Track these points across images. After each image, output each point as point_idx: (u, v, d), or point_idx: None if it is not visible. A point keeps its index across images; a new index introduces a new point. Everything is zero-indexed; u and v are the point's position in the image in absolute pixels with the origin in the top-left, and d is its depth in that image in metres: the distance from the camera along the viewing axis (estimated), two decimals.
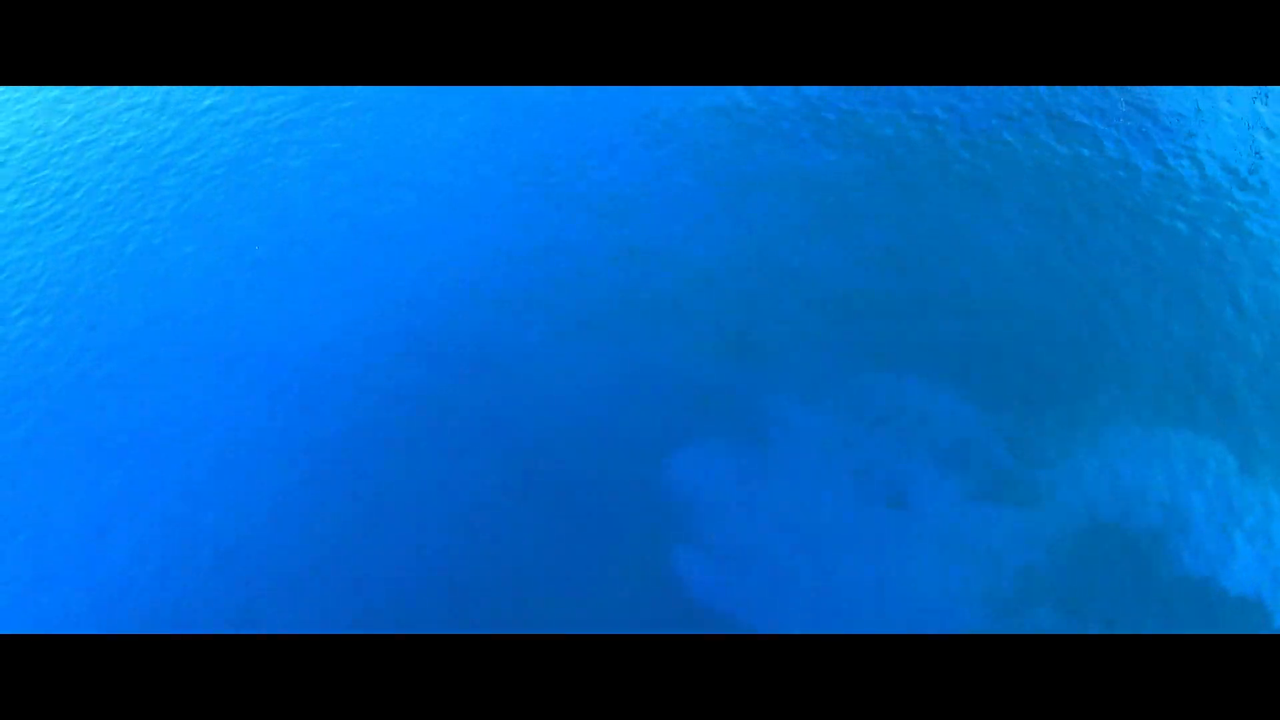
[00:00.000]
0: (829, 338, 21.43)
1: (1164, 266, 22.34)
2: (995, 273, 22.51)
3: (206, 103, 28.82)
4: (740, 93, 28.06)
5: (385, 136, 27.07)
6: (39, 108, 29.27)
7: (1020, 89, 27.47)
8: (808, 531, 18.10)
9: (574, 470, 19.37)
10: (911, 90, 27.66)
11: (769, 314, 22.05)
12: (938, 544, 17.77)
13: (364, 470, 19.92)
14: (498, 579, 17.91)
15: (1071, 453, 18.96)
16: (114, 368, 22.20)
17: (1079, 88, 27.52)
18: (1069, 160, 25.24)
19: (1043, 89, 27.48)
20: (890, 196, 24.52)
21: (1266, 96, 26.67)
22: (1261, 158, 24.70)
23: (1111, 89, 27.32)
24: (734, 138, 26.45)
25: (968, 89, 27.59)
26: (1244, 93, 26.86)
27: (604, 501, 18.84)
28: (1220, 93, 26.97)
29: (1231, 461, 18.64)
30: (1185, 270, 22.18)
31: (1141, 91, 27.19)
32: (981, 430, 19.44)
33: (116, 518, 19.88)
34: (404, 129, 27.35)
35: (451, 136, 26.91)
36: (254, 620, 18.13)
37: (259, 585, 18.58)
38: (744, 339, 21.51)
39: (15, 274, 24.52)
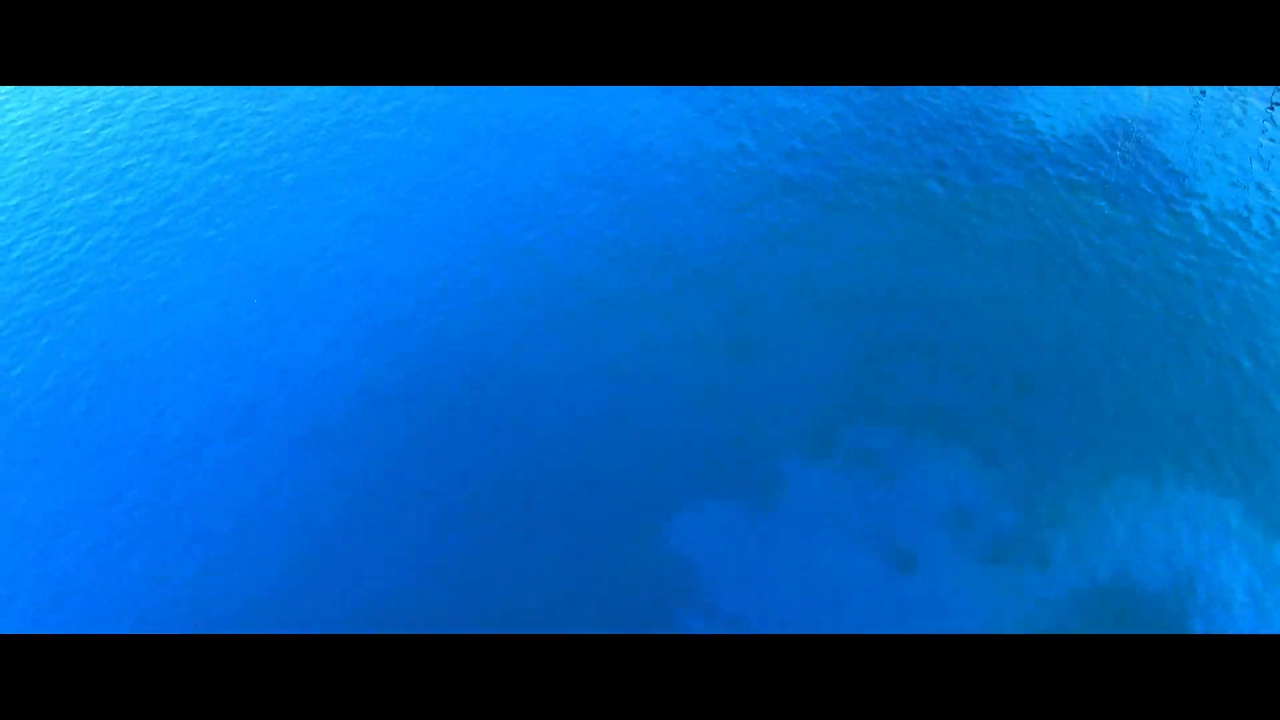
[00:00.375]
0: (834, 394, 21.14)
1: (1177, 319, 22.04)
2: (1005, 326, 22.25)
3: (212, 160, 29.01)
4: (746, 137, 28.10)
5: (391, 165, 27.18)
6: (39, 169, 29.49)
7: (1026, 137, 27.42)
8: (812, 592, 17.68)
9: (572, 523, 19.04)
10: (919, 138, 27.64)
11: (774, 368, 21.81)
12: (947, 607, 17.31)
13: (357, 494, 19.70)
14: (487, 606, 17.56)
15: (1085, 512, 18.54)
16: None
17: (1083, 136, 27.44)
18: (1079, 212, 25.09)
19: (1048, 136, 27.42)
20: (898, 249, 24.37)
21: (1267, 133, 26.57)
22: (1276, 211, 24.50)
23: (1117, 138, 27.23)
24: (738, 190, 26.44)
25: (972, 137, 27.56)
26: (1247, 139, 26.76)
27: (603, 558, 18.46)
28: (1222, 139, 26.88)
29: (1255, 520, 18.17)
30: (1199, 322, 21.87)
31: (1144, 137, 27.10)
32: (992, 489, 19.05)
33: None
34: (406, 159, 27.45)
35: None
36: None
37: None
38: (748, 391, 21.26)
39: (17, 333, 24.51)
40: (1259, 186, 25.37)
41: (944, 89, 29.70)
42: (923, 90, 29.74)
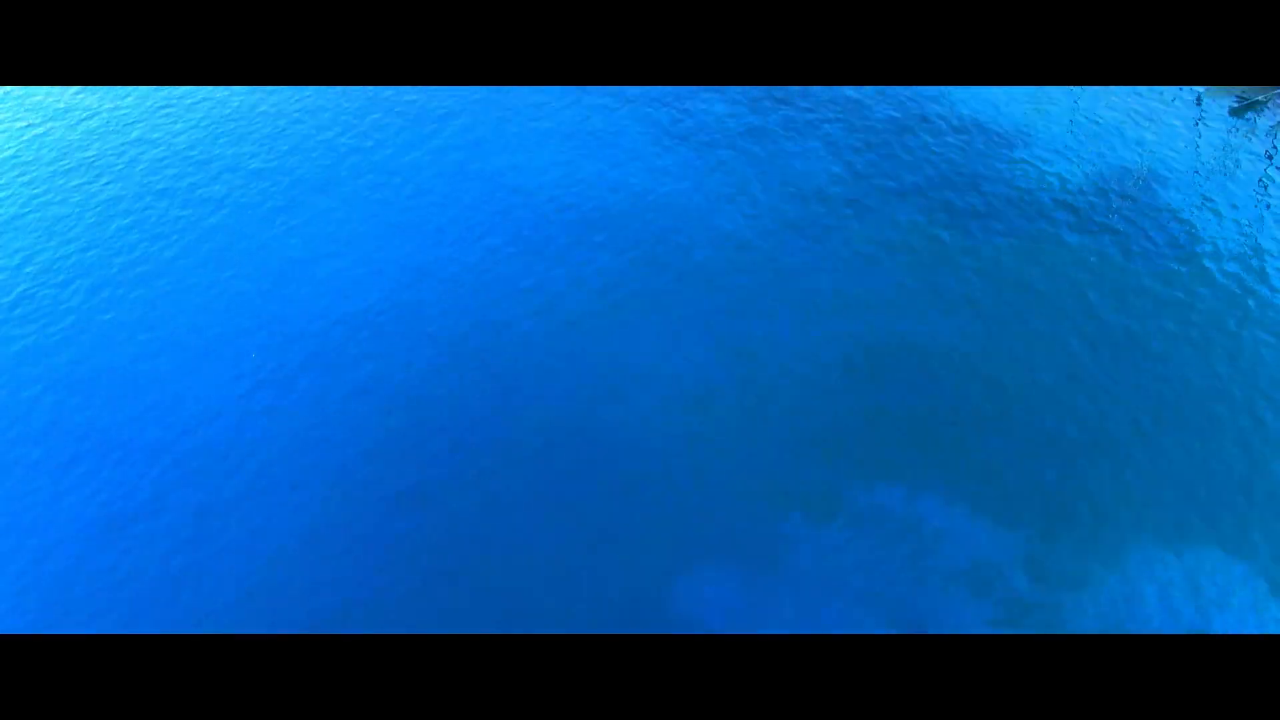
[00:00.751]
0: (840, 452, 20.67)
1: (1195, 373, 21.51)
2: (1013, 384, 21.77)
3: (212, 221, 29.16)
4: (755, 187, 28.00)
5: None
6: (40, 231, 29.78)
7: (1031, 188, 27.19)
8: None
9: (569, 587, 18.55)
10: (924, 190, 27.47)
11: (778, 424, 21.40)
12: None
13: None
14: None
15: (1102, 576, 17.89)
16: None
17: (1089, 186, 27.22)
18: (1091, 263, 24.73)
19: (1054, 186, 27.19)
20: (905, 302, 24.04)
21: (1268, 190, 26.21)
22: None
23: (1124, 187, 26.96)
24: (743, 247, 26.33)
25: (981, 187, 27.33)
26: (1253, 184, 26.46)
27: (596, 624, 17.92)
28: (1227, 184, 26.60)
29: (1264, 583, 17.48)
30: (1219, 377, 21.34)
31: (1150, 185, 26.83)
32: (1000, 551, 18.45)
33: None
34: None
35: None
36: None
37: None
38: (750, 454, 20.82)
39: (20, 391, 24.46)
40: (1270, 234, 24.98)
41: (948, 140, 29.61)
42: (926, 140, 29.67)
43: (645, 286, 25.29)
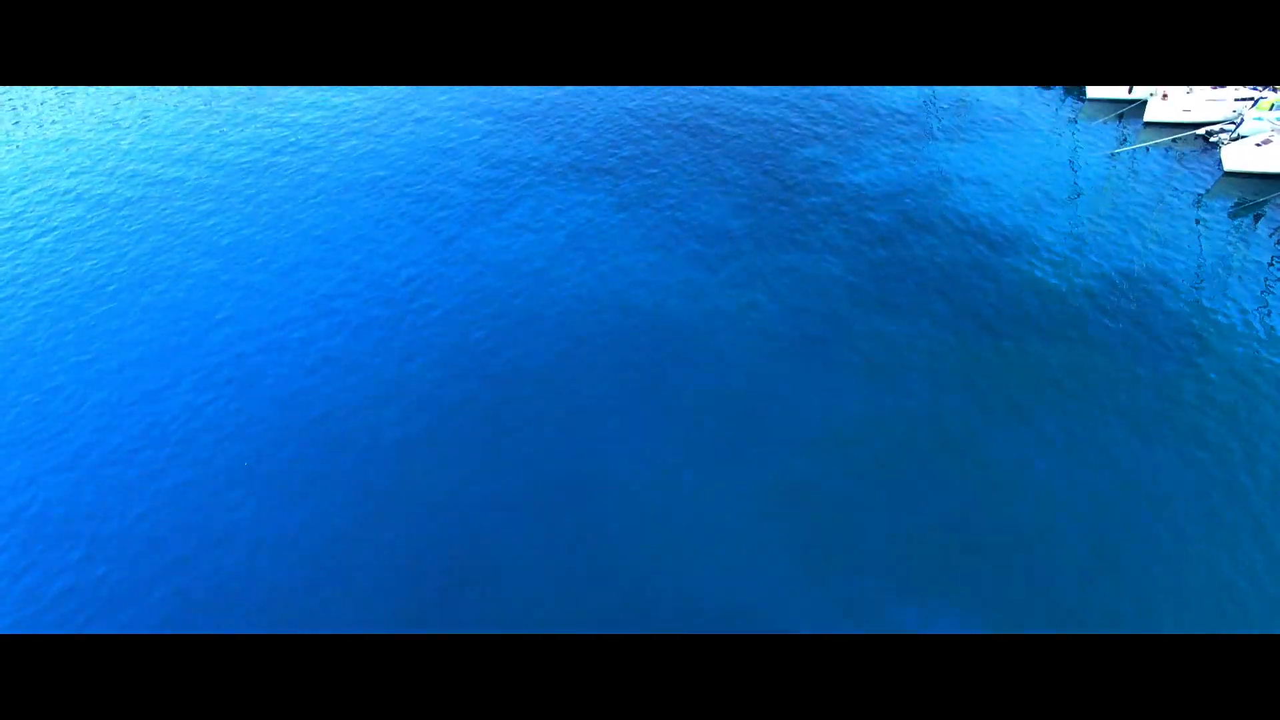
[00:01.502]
0: (858, 565, 19.91)
1: (1213, 482, 21.05)
2: (1033, 495, 21.16)
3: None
4: (759, 293, 28.20)
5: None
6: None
7: (1041, 296, 27.34)
8: None
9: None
10: (924, 291, 27.53)
11: (789, 534, 20.74)
12: None
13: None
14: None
15: None
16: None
17: (1089, 289, 27.34)
18: (1101, 367, 24.51)
19: (1054, 290, 27.36)
20: (920, 418, 23.60)
21: (1269, 303, 26.31)
22: None
23: (1125, 289, 27.02)
24: (751, 347, 26.57)
25: (990, 297, 27.35)
26: (1255, 284, 26.70)
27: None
28: (1229, 279, 26.86)
29: None
30: (1233, 484, 20.96)
31: (1153, 288, 26.93)
32: None
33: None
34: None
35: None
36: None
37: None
38: (760, 562, 20.25)
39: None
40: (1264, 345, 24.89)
41: (953, 244, 30.06)
42: (926, 241, 30.17)
43: (647, 392, 25.11)
